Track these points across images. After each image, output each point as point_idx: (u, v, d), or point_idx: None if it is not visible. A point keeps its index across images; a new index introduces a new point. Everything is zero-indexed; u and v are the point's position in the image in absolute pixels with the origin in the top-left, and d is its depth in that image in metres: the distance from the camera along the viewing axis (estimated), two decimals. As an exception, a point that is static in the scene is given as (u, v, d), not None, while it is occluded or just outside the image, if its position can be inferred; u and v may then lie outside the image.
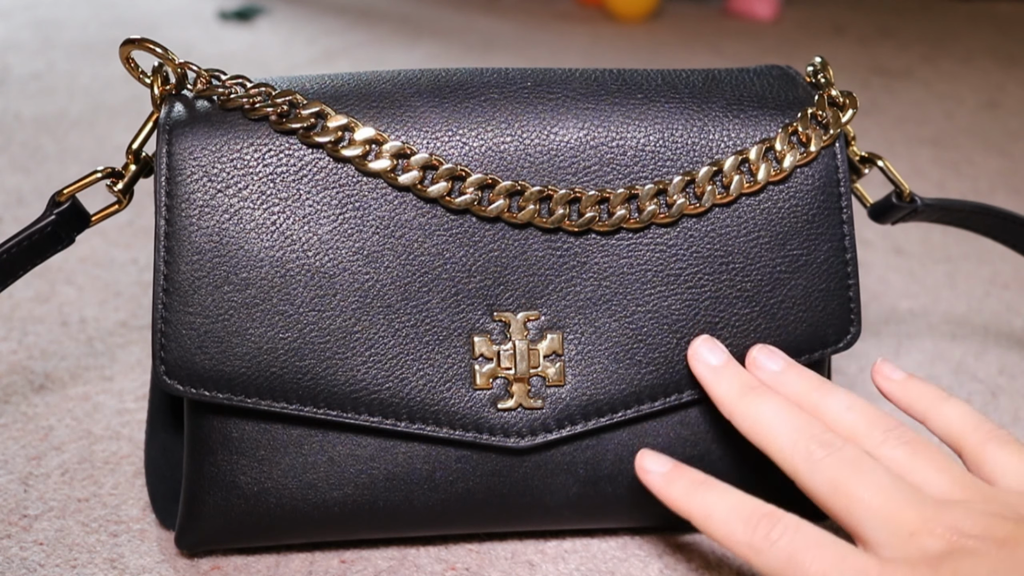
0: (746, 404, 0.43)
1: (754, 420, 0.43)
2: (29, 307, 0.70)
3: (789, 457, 0.41)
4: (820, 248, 0.47)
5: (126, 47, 0.46)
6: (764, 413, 0.42)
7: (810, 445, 0.41)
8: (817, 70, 0.49)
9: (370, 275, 0.45)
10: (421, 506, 0.46)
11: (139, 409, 0.59)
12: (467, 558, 0.49)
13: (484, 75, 0.47)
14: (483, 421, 0.45)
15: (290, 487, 0.46)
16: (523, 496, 0.47)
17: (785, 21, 1.58)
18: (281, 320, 0.44)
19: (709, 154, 0.46)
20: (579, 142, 0.46)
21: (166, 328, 0.44)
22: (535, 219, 0.45)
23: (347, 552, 0.49)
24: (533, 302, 0.46)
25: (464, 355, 0.45)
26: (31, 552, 0.48)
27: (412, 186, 0.44)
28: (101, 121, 1.04)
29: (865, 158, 0.50)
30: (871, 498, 0.39)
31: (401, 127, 0.45)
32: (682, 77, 0.48)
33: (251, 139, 0.45)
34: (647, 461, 0.44)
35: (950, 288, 0.77)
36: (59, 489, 0.53)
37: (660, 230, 0.46)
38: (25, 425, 0.58)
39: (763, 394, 0.43)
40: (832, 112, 0.47)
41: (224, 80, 0.45)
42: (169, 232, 0.44)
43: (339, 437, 0.46)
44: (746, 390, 0.44)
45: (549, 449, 0.47)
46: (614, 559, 0.49)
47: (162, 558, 0.48)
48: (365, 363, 0.45)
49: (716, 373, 0.44)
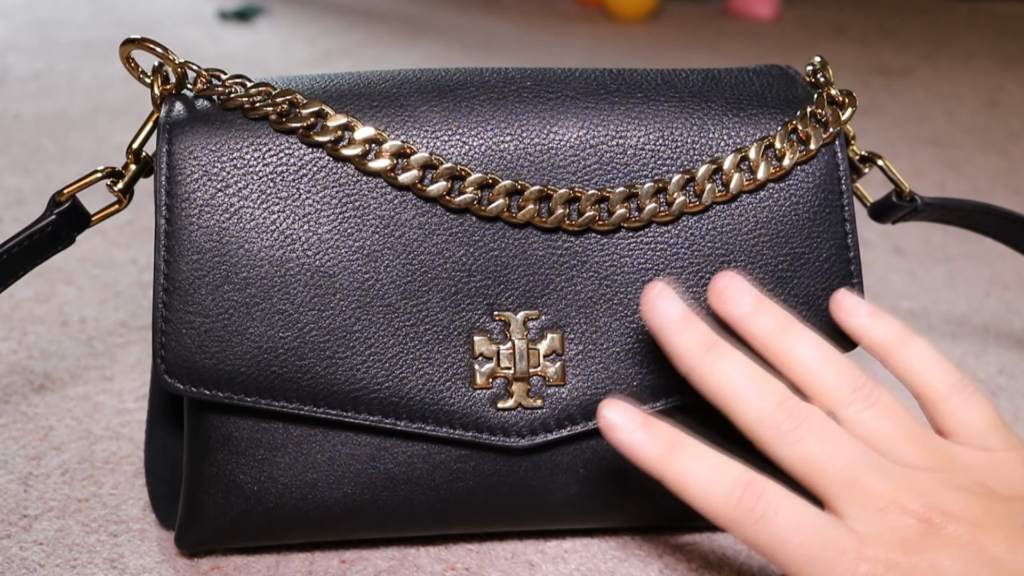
0: (708, 364, 0.40)
1: (716, 382, 0.40)
2: (29, 307, 0.70)
3: (755, 427, 0.40)
4: (822, 246, 0.47)
5: (126, 47, 0.46)
6: (727, 375, 0.40)
7: (777, 416, 0.40)
8: (816, 69, 0.49)
9: (370, 274, 0.45)
10: (421, 506, 0.46)
11: (139, 409, 0.59)
12: (467, 558, 0.49)
13: (484, 75, 0.47)
14: (483, 420, 0.45)
15: (290, 486, 0.46)
16: (523, 496, 0.47)
17: (785, 21, 1.58)
18: (281, 319, 0.44)
19: (709, 153, 0.46)
20: (579, 141, 0.46)
21: (166, 327, 0.44)
22: (535, 219, 0.45)
23: (347, 552, 0.49)
24: (533, 301, 0.46)
25: (464, 354, 0.45)
26: (31, 552, 0.48)
27: (412, 185, 0.44)
28: (101, 121, 1.04)
29: (865, 157, 0.50)
30: (840, 472, 0.39)
31: (401, 126, 0.45)
32: (682, 76, 0.48)
33: (251, 138, 0.45)
34: (611, 413, 0.40)
35: (950, 288, 0.77)
36: (59, 489, 0.53)
37: (660, 229, 0.46)
38: (25, 425, 0.58)
39: (724, 353, 0.40)
40: (832, 110, 0.47)
41: (224, 80, 0.45)
42: (169, 231, 0.44)
43: (339, 436, 0.46)
44: (706, 348, 0.41)
45: (549, 449, 0.47)
46: (614, 559, 0.49)
47: (162, 558, 0.48)
48: (365, 362, 0.45)
49: (674, 327, 0.41)
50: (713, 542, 0.50)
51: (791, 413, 0.40)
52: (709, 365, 0.40)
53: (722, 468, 0.39)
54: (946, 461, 0.41)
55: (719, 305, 0.42)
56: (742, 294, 0.42)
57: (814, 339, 0.42)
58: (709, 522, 0.50)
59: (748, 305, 0.42)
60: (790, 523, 0.38)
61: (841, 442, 0.40)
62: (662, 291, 0.41)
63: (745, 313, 0.42)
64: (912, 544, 0.38)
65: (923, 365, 0.43)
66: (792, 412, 0.40)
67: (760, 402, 0.40)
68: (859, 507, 0.39)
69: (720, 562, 0.49)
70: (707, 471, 0.39)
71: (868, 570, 0.38)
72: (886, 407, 0.41)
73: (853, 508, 0.39)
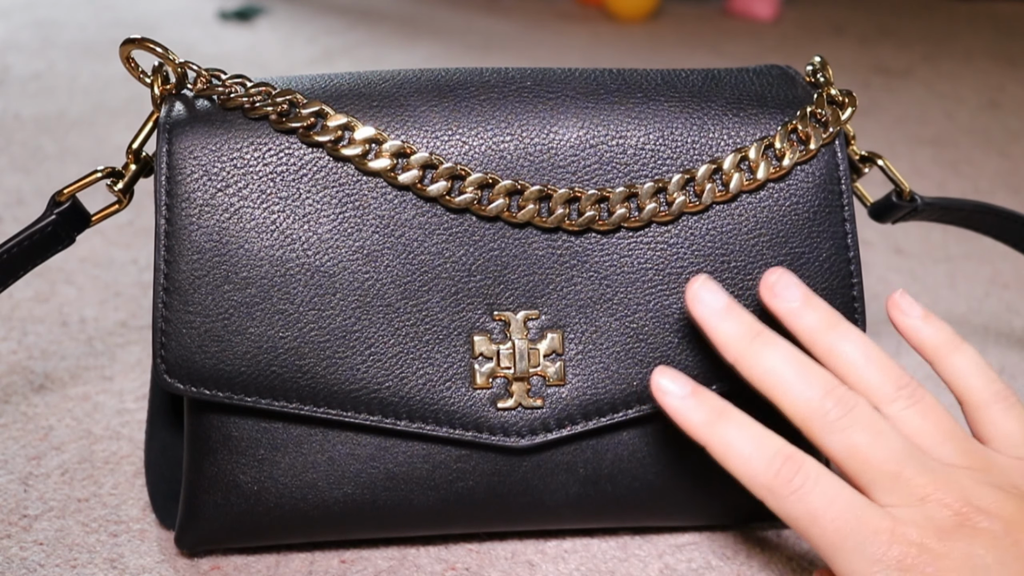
0: (754, 351, 0.41)
1: (763, 370, 0.41)
2: (29, 307, 0.70)
3: (803, 414, 0.40)
4: (822, 246, 0.47)
5: (126, 47, 0.46)
6: (773, 362, 0.41)
7: (825, 403, 0.40)
8: (816, 69, 0.49)
9: (370, 274, 0.45)
10: (421, 505, 0.46)
11: (139, 409, 0.59)
12: (467, 558, 0.49)
13: (484, 75, 0.47)
14: (483, 420, 0.45)
15: (290, 486, 0.46)
16: (523, 495, 0.47)
17: (785, 21, 1.58)
18: (281, 319, 0.44)
19: (709, 152, 0.46)
20: (579, 141, 0.46)
21: (166, 327, 0.44)
22: (535, 219, 0.45)
23: (347, 552, 0.49)
24: (533, 301, 0.46)
25: (464, 354, 0.45)
26: (31, 552, 0.48)
27: (412, 185, 0.44)
28: (101, 121, 1.04)
29: (865, 157, 0.50)
30: (884, 464, 0.40)
31: (401, 126, 0.45)
32: (682, 76, 0.48)
33: (251, 138, 0.45)
34: (665, 380, 0.41)
35: (950, 288, 0.77)
36: (59, 489, 0.53)
37: (660, 229, 0.46)
38: (25, 425, 0.58)
39: (770, 341, 0.41)
40: (831, 110, 0.47)
41: (224, 80, 0.45)
42: (169, 231, 0.44)
43: (339, 436, 0.46)
44: (752, 336, 0.41)
45: (549, 449, 0.47)
46: (614, 559, 0.49)
47: (162, 558, 0.48)
48: (365, 362, 0.45)
49: (719, 316, 0.42)
50: (713, 542, 0.50)
51: (839, 401, 0.40)
52: (755, 353, 0.41)
53: (764, 439, 0.40)
54: (983, 462, 0.41)
55: (768, 299, 0.43)
56: (792, 288, 0.43)
57: (860, 337, 0.43)
58: (706, 524, 0.50)
59: (797, 300, 0.43)
60: (826, 497, 0.39)
61: (886, 434, 0.40)
62: (705, 282, 0.42)
63: (793, 308, 0.43)
64: (947, 532, 0.39)
65: (969, 371, 0.44)
66: (840, 401, 0.40)
67: (808, 390, 0.40)
68: (899, 497, 0.40)
69: (720, 562, 0.49)
70: (750, 440, 0.40)
71: (900, 552, 0.38)
72: (928, 407, 0.42)
73: (892, 497, 0.40)
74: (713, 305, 0.42)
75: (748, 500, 0.48)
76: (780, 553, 0.49)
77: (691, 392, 0.41)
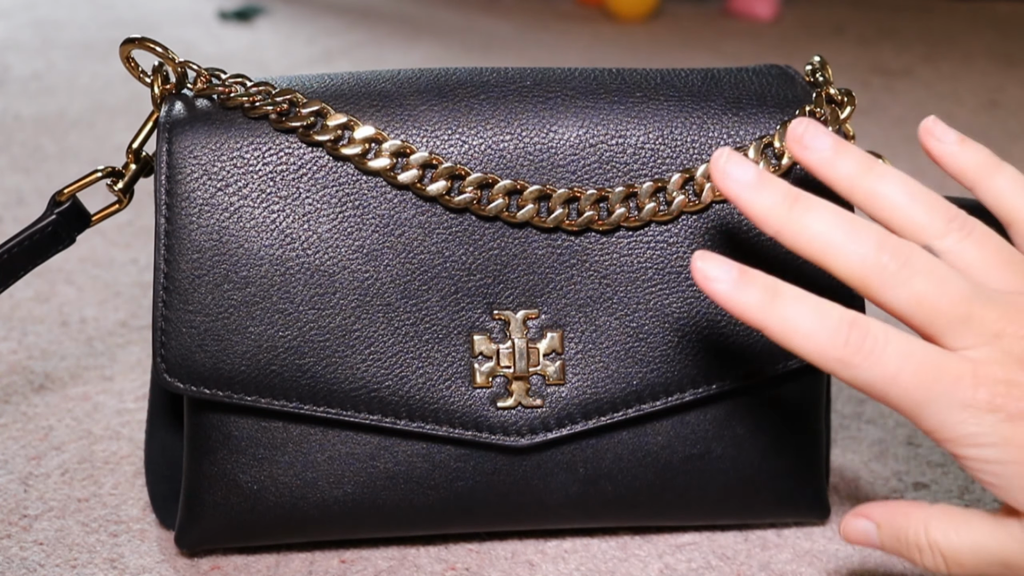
0: (796, 219, 0.38)
1: (810, 235, 0.38)
2: (29, 307, 0.70)
3: (859, 273, 0.38)
4: (820, 246, 0.46)
5: (126, 46, 0.46)
6: (819, 226, 0.38)
7: (880, 258, 0.38)
8: (815, 69, 0.49)
9: (370, 273, 0.45)
10: (421, 505, 0.46)
11: (139, 409, 0.59)
12: (467, 558, 0.49)
13: (483, 74, 0.47)
14: (483, 419, 0.45)
15: (290, 485, 0.46)
16: (523, 495, 0.47)
17: (785, 21, 1.58)
18: (281, 318, 0.44)
19: (708, 152, 0.46)
20: (578, 141, 0.46)
21: (166, 326, 0.44)
22: (534, 218, 0.45)
23: (347, 552, 0.49)
24: (533, 300, 0.46)
25: (464, 353, 0.45)
26: (31, 552, 0.48)
27: (411, 185, 0.44)
28: (101, 121, 1.04)
29: (865, 156, 0.50)
30: (953, 307, 0.37)
31: (401, 126, 0.45)
32: (681, 76, 0.48)
33: (251, 137, 0.45)
34: (711, 267, 0.38)
35: (950, 287, 0.77)
36: (59, 489, 0.53)
37: (660, 228, 0.46)
38: (25, 425, 0.58)
39: (811, 204, 0.38)
40: (830, 109, 0.47)
41: (224, 79, 0.46)
42: (169, 230, 0.44)
43: (339, 435, 0.46)
44: (791, 202, 0.38)
45: (549, 448, 0.47)
46: (614, 559, 0.49)
47: (162, 558, 0.48)
48: (364, 361, 0.45)
49: (752, 189, 0.39)
50: (713, 542, 0.50)
51: (894, 253, 0.38)
52: (797, 219, 0.38)
53: (825, 309, 0.38)
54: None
55: (798, 151, 0.40)
56: (821, 137, 0.40)
57: (899, 175, 0.40)
58: (706, 525, 0.50)
59: (828, 149, 0.40)
60: (900, 355, 0.37)
61: (947, 277, 0.38)
62: (730, 156, 0.39)
63: (826, 158, 0.40)
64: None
65: (1013, 191, 0.42)
66: (895, 252, 0.38)
67: (860, 247, 0.38)
68: (973, 338, 0.37)
69: (720, 562, 0.49)
70: (811, 314, 0.37)
71: (988, 392, 0.36)
72: (982, 235, 0.40)
73: (966, 340, 0.37)
74: (743, 179, 0.39)
75: (748, 500, 0.48)
76: (780, 553, 0.49)
77: (739, 275, 0.38)
